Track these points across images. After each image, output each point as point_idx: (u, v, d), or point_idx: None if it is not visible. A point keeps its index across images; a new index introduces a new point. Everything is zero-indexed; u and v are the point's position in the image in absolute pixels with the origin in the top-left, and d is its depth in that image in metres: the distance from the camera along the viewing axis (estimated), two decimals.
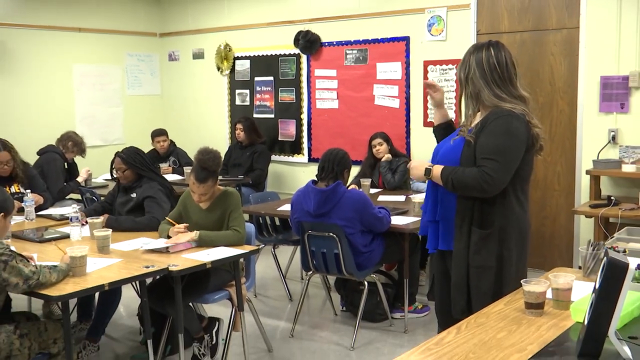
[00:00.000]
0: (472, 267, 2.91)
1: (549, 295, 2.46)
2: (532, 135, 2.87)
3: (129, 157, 4.53)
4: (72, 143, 6.55)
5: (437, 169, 2.92)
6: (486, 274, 2.89)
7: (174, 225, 4.06)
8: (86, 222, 4.28)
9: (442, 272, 3.11)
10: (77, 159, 6.77)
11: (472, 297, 2.93)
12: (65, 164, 6.58)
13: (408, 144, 6.84)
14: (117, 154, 4.60)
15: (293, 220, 4.71)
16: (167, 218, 4.21)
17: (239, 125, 7.36)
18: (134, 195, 4.52)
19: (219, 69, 8.34)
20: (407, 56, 6.76)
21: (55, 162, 6.29)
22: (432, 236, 3.09)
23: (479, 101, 2.92)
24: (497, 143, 2.80)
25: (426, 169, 2.96)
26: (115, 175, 4.67)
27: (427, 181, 3.07)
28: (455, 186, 2.85)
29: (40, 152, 6.38)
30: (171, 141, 7.76)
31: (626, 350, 1.93)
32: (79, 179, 6.50)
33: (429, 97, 3.31)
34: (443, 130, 3.25)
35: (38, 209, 5.00)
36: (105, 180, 6.87)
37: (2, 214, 3.35)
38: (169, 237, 4.00)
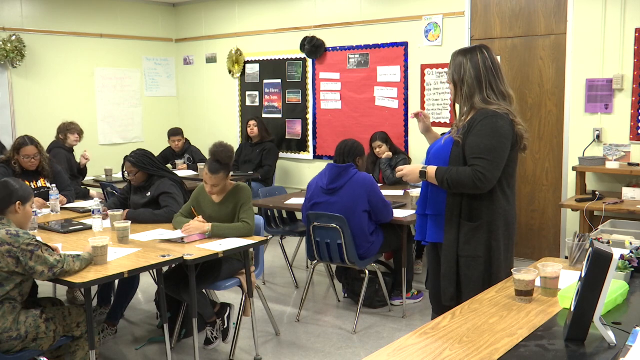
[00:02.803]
0: (462, 257, 2.92)
1: (537, 283, 2.46)
2: (516, 133, 2.88)
3: (138, 161, 4.46)
4: (64, 134, 6.48)
5: (431, 170, 2.91)
6: (476, 263, 2.90)
7: (194, 216, 4.04)
8: (107, 215, 4.27)
9: (435, 263, 3.11)
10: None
11: (463, 285, 2.94)
12: (80, 166, 6.57)
13: (406, 142, 6.82)
14: (126, 159, 4.51)
15: (305, 200, 4.73)
16: (180, 211, 4.21)
17: (252, 122, 7.35)
18: (148, 194, 4.48)
19: (230, 72, 8.33)
20: (406, 60, 6.73)
21: (59, 157, 6.21)
22: (420, 228, 3.10)
23: (471, 102, 2.90)
24: (486, 143, 2.80)
25: (420, 172, 2.96)
26: (127, 178, 4.61)
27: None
28: (451, 185, 2.85)
29: (48, 150, 6.26)
30: (186, 139, 7.76)
31: (610, 334, 1.92)
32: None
33: (418, 124, 3.27)
34: None
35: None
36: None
37: (18, 202, 3.31)
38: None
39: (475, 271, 2.90)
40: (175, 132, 7.61)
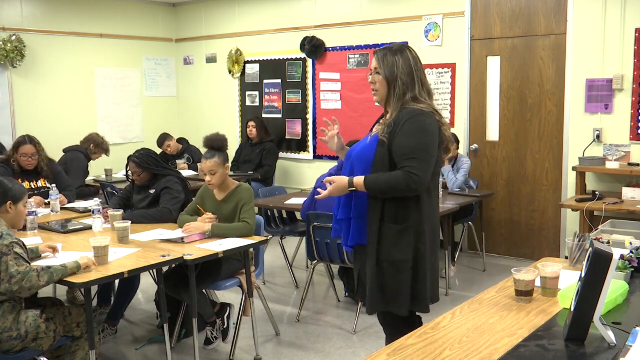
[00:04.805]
0: (387, 262, 2.77)
1: (537, 283, 2.46)
2: (442, 133, 2.79)
3: (142, 161, 4.44)
4: (94, 145, 6.51)
5: (359, 180, 2.75)
6: (404, 267, 2.76)
7: (200, 214, 4.05)
8: (107, 215, 4.27)
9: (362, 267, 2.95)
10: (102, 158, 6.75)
11: (387, 291, 2.79)
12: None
13: None
14: (130, 159, 4.48)
15: (313, 189, 4.82)
16: (186, 210, 4.21)
17: (252, 123, 7.36)
18: (152, 191, 4.47)
19: (230, 72, 8.34)
20: None
21: (78, 161, 6.25)
22: (346, 233, 2.90)
23: (402, 100, 2.79)
24: (416, 142, 2.69)
25: (349, 184, 2.78)
26: (131, 178, 4.59)
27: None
28: (384, 192, 2.73)
29: (66, 150, 6.35)
30: (184, 139, 7.75)
31: (610, 334, 1.92)
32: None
33: (328, 143, 3.04)
34: None
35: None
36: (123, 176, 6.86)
37: (9, 202, 3.30)
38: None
39: (403, 275, 2.76)
40: (162, 141, 7.53)
